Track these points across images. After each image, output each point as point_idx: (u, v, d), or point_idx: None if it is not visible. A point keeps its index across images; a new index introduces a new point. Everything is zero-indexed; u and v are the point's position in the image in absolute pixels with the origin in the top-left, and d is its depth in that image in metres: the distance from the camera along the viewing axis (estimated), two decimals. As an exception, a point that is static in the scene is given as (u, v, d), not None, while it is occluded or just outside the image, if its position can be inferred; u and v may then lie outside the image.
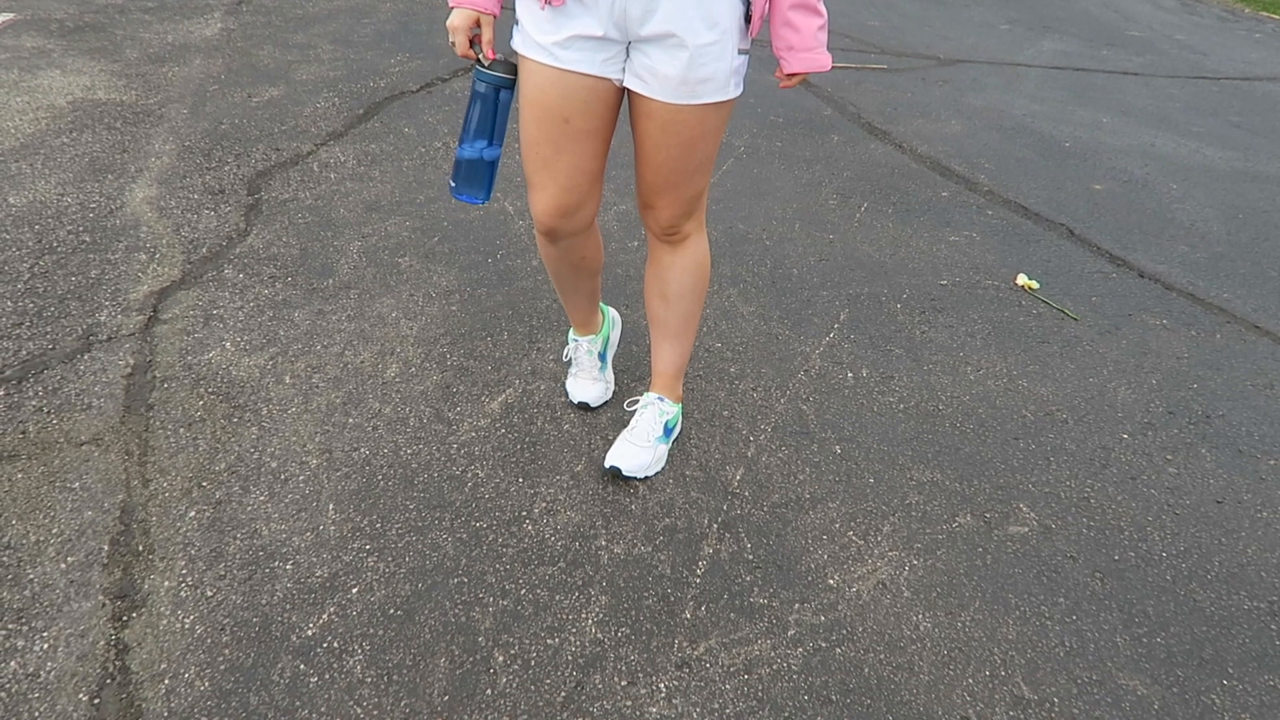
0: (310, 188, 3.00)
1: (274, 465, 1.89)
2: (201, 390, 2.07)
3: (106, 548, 1.66)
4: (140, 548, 1.67)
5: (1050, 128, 4.31)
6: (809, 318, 2.60)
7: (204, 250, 2.59)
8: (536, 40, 1.57)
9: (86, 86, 3.54)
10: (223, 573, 1.65)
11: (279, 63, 4.02)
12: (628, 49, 1.58)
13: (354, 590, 1.64)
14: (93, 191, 2.82)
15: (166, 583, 1.61)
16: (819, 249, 2.98)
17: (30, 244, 2.53)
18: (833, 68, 4.88)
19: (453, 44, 1.64)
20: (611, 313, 2.24)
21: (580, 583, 1.71)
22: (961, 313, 2.71)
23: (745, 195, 3.31)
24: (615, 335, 2.24)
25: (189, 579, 1.63)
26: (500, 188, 3.06)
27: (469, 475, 1.92)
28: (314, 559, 1.69)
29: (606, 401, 2.16)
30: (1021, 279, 2.91)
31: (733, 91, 1.62)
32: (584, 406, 2.13)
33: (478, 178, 1.71)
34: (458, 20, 1.61)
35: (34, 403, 1.99)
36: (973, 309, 2.73)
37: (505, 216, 2.95)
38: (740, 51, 1.59)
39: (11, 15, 4.23)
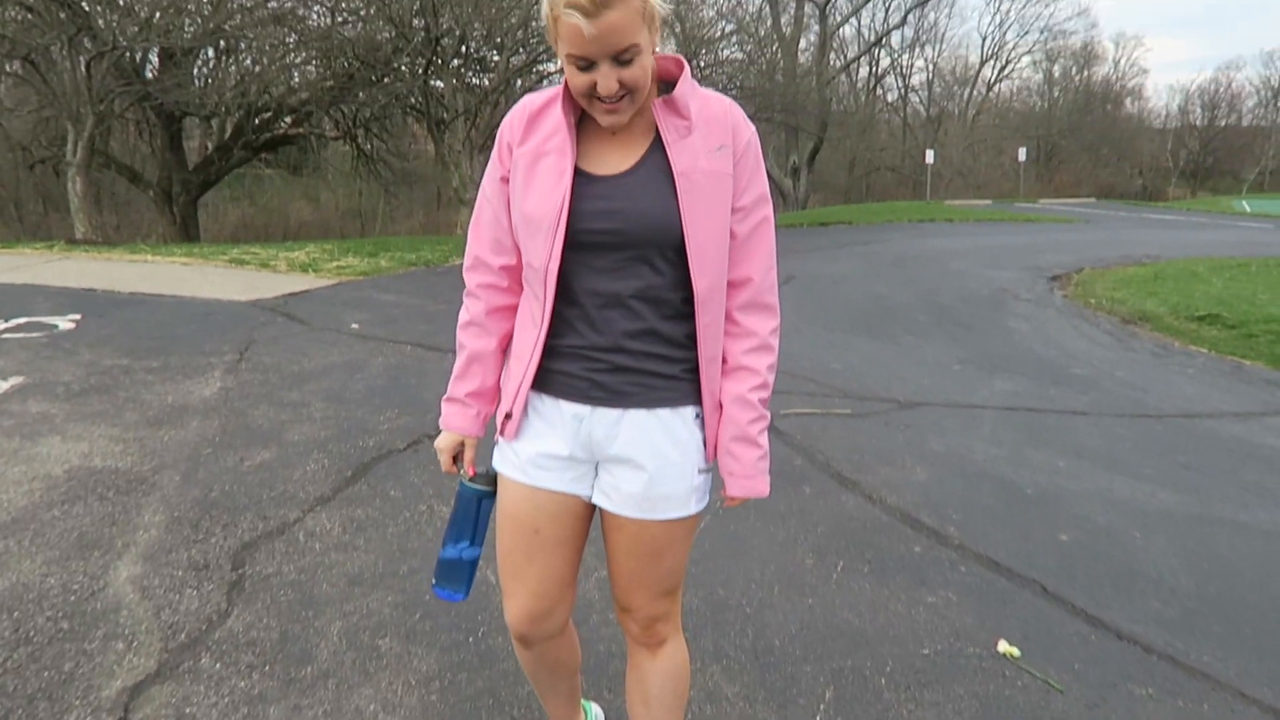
0: (294, 560, 3.04)
1: None
2: (165, 809, 1.98)
3: None
4: None
5: (1011, 473, 4.51)
6: (794, 698, 2.57)
7: (182, 636, 2.57)
8: (511, 459, 1.72)
9: (84, 453, 3.67)
10: None
11: (272, 423, 4.21)
12: (596, 467, 1.71)
13: None
14: (77, 571, 2.84)
15: None
16: (799, 615, 3.01)
17: (6, 634, 2.50)
18: (800, 413, 5.18)
19: (440, 460, 1.78)
20: (594, 710, 2.22)
21: None
22: (947, 687, 2.69)
23: (723, 556, 3.37)
24: (599, 733, 2.21)
25: None
26: (487, 556, 3.11)
27: None
28: None
29: (591, 809, 2.08)
30: (1003, 645, 2.92)
31: (694, 508, 1.73)
32: (568, 818, 2.05)
33: (458, 576, 1.84)
34: (444, 442, 1.77)
35: (-15, 829, 1.88)
36: (958, 682, 2.72)
37: (488, 587, 2.98)
38: (700, 471, 1.73)
39: (20, 379, 4.46)
